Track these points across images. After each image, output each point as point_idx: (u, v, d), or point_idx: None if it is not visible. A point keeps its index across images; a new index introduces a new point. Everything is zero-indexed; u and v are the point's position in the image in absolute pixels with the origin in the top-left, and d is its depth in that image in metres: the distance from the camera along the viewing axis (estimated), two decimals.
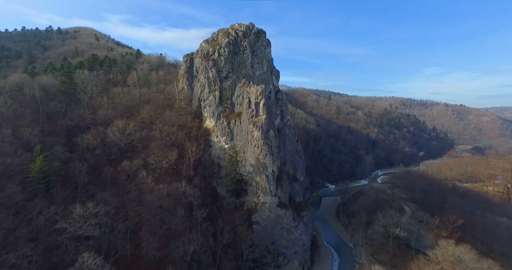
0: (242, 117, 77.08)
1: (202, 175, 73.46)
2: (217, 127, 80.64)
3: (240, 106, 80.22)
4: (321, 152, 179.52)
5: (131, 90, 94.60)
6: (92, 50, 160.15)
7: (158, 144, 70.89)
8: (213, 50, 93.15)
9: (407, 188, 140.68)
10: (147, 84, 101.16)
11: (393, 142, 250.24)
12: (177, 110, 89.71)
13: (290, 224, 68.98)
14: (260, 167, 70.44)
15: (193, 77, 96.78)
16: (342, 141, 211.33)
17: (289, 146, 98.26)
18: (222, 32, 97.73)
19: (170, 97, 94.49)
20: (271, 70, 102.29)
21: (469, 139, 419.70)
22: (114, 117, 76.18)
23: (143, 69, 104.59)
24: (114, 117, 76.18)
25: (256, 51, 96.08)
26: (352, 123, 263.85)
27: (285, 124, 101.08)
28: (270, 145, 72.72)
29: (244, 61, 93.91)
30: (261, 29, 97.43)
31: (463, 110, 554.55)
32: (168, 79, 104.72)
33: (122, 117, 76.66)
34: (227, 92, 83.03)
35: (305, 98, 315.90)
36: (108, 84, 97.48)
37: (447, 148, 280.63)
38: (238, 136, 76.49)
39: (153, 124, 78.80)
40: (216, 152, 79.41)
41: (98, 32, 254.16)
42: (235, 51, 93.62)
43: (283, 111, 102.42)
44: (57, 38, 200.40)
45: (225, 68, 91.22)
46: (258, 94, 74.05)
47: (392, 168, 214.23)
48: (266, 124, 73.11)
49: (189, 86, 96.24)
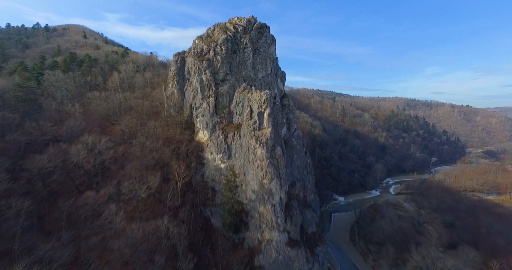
0: (242, 130, 62.65)
1: (192, 203, 59.04)
2: (212, 141, 66.18)
3: (239, 116, 65.74)
4: (328, 159, 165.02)
5: (111, 95, 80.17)
6: (77, 48, 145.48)
7: (138, 164, 56.51)
8: (208, 48, 78.67)
9: (427, 202, 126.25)
10: (131, 88, 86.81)
11: (403, 146, 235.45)
12: (164, 119, 75.35)
13: (303, 267, 54.52)
14: (265, 194, 56.04)
15: (185, 80, 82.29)
16: (349, 146, 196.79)
17: (298, 161, 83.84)
18: (219, 27, 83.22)
19: (157, 103, 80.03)
20: (276, 71, 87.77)
21: (478, 141, 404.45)
22: (85, 130, 61.75)
23: (127, 70, 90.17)
24: (85, 130, 61.75)
25: (258, 49, 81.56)
26: (358, 126, 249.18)
27: (293, 135, 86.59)
28: (277, 165, 58.25)
29: (245, 61, 79.42)
30: (264, 24, 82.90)
31: (469, 111, 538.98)
32: (156, 82, 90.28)
33: (95, 130, 62.22)
34: (223, 99, 68.51)
35: (308, 99, 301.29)
36: (85, 88, 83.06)
37: (459, 152, 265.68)
38: (237, 153, 62.04)
39: (133, 138, 64.34)
40: (210, 172, 64.97)
41: (89, 30, 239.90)
42: (234, 50, 79.14)
43: (290, 120, 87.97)
44: (43, 36, 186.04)
45: (222, 70, 76.82)
46: (261, 103, 59.55)
47: (404, 175, 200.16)
48: (272, 140, 58.66)
49: (179, 90, 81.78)
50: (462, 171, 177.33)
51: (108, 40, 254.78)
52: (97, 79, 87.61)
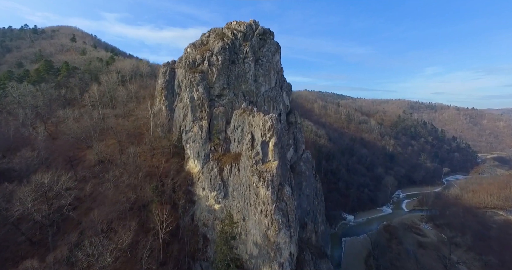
0: (241, 161, 50.37)
1: (179, 257, 46.60)
2: (204, 174, 53.81)
3: (238, 144, 53.41)
4: (335, 173, 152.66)
5: (88, 113, 67.91)
6: (62, 53, 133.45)
7: (108, 209, 44.16)
8: (202, 58, 66.49)
9: (447, 224, 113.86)
10: (112, 102, 74.54)
11: (412, 155, 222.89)
12: (149, 143, 62.96)
13: None
14: (270, 249, 43.67)
15: (174, 94, 69.99)
16: (357, 156, 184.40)
17: (307, 189, 71.42)
18: (215, 33, 70.99)
19: (140, 124, 67.64)
20: (281, 84, 75.51)
21: (486, 146, 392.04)
22: (46, 161, 49.38)
23: (110, 81, 77.85)
24: (46, 161, 49.38)
25: (261, 59, 69.36)
26: (365, 133, 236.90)
27: (301, 157, 74.26)
28: (286, 210, 45.94)
29: (245, 73, 67.18)
30: (267, 29, 70.74)
31: (475, 114, 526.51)
32: (142, 96, 77.96)
33: (59, 161, 49.85)
34: (219, 122, 56.16)
35: (311, 104, 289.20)
36: (59, 103, 70.80)
37: (470, 160, 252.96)
38: (235, 192, 49.70)
39: (107, 171, 51.95)
40: (202, 213, 52.61)
41: (81, 32, 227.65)
42: (232, 60, 66.97)
43: (298, 140, 75.62)
44: (30, 39, 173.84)
45: (218, 84, 64.60)
46: (265, 130, 47.22)
47: (414, 187, 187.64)
48: (279, 176, 46.38)
49: (168, 107, 69.52)
50: (479, 184, 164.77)
51: (102, 42, 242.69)
52: (74, 92, 75.47)
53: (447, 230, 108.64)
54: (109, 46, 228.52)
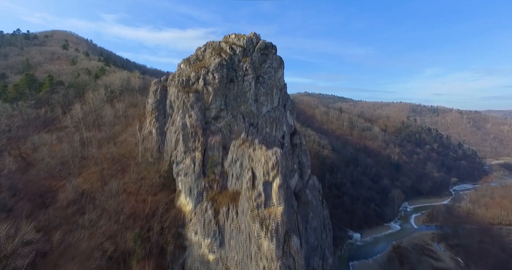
0: (240, 203, 42.95)
1: None
2: (197, 216, 46.37)
3: (237, 180, 46.00)
4: (339, 186, 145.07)
5: (69, 136, 60.49)
6: (51, 62, 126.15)
7: (78, 268, 36.49)
8: (197, 76, 59.29)
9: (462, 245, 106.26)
10: (97, 123, 67.11)
11: (418, 163, 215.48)
12: (136, 171, 55.47)
13: None
14: None
15: (166, 116, 62.60)
16: (361, 167, 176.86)
17: (314, 221, 63.84)
18: (211, 47, 63.78)
19: (127, 149, 60.11)
20: (285, 102, 68.20)
21: (491, 151, 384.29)
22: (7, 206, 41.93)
23: (96, 98, 70.46)
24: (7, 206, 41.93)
25: (262, 76, 62.11)
26: (368, 141, 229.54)
27: (307, 184, 66.79)
28: (294, 267, 38.43)
29: (245, 92, 59.93)
30: (269, 43, 63.53)
31: (478, 118, 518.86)
32: (131, 115, 70.51)
33: (25, 201, 42.38)
34: (214, 154, 48.80)
35: (313, 110, 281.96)
36: (35, 124, 63.32)
37: (478, 168, 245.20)
38: (233, 241, 42.22)
39: (83, 213, 44.45)
40: (194, 264, 45.13)
41: (75, 36, 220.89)
42: (231, 78, 59.76)
43: (303, 164, 68.19)
44: (21, 45, 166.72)
45: (214, 105, 57.38)
46: (269, 168, 39.84)
47: (422, 198, 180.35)
48: (285, 225, 39.06)
49: (159, 130, 62.09)
50: (490, 197, 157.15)
51: (97, 47, 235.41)
52: (55, 111, 68.08)
53: (463, 253, 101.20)
54: (104, 51, 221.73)
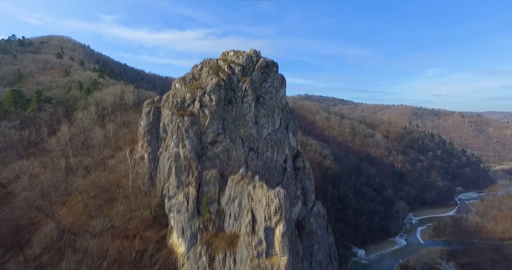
0: (238, 249, 38.30)
1: None
2: (189, 262, 41.63)
3: (235, 221, 41.43)
4: (342, 199, 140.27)
5: (55, 162, 55.87)
6: (44, 72, 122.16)
7: None
8: (193, 97, 54.90)
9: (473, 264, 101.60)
10: (86, 145, 62.47)
11: (422, 172, 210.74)
12: (125, 203, 50.79)
13: None
14: None
15: (160, 139, 58.05)
16: (364, 177, 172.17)
17: (320, 253, 59.22)
18: (208, 65, 59.38)
19: (116, 176, 55.42)
20: (287, 123, 63.68)
21: (494, 156, 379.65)
22: None
23: (84, 118, 65.84)
24: None
25: (263, 96, 57.68)
26: (371, 148, 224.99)
27: (311, 212, 62.22)
28: None
29: (244, 114, 55.48)
30: (270, 61, 59.20)
31: (480, 121, 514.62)
32: (123, 137, 65.79)
33: None
34: (210, 189, 44.21)
35: (313, 115, 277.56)
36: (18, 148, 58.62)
37: (483, 175, 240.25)
38: None
39: (61, 259, 39.66)
40: None
41: (72, 42, 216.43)
42: (229, 99, 55.36)
43: (307, 189, 63.65)
44: (15, 52, 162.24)
45: (211, 128, 52.96)
46: (271, 212, 35.38)
47: (426, 209, 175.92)
48: None
49: (151, 155, 57.52)
50: (498, 209, 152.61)
51: (95, 53, 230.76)
52: (41, 133, 63.39)
53: None
54: (101, 57, 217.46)
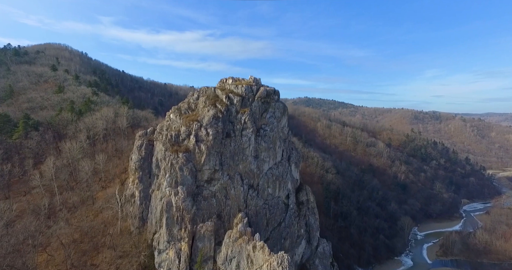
0: None
1: None
2: None
3: None
4: (345, 216, 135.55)
5: (36, 200, 51.43)
6: (37, 87, 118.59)
7: None
8: (188, 131, 50.77)
9: None
10: (73, 178, 57.99)
11: (426, 183, 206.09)
12: (113, 248, 46.32)
13: None
14: None
15: (152, 175, 53.71)
16: (367, 190, 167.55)
17: None
18: (205, 94, 55.34)
19: (102, 220, 50.93)
20: (289, 154, 59.45)
21: (497, 161, 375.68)
22: None
23: (73, 148, 61.39)
24: None
25: (263, 128, 53.51)
26: (373, 158, 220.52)
27: (315, 252, 57.73)
28: None
29: (243, 149, 51.27)
30: (271, 90, 55.20)
31: (483, 126, 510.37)
32: (113, 170, 61.13)
33: None
34: (205, 245, 39.76)
35: (315, 123, 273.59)
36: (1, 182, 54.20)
37: (487, 185, 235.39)
38: None
39: None
40: None
41: (69, 51, 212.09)
42: (227, 132, 51.25)
43: (311, 226, 59.35)
44: (10, 62, 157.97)
45: (207, 165, 48.78)
46: None
47: (431, 222, 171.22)
48: None
49: (143, 192, 53.15)
50: (507, 224, 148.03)
51: (92, 61, 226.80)
52: (25, 164, 58.97)
53: None
54: (98, 66, 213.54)
